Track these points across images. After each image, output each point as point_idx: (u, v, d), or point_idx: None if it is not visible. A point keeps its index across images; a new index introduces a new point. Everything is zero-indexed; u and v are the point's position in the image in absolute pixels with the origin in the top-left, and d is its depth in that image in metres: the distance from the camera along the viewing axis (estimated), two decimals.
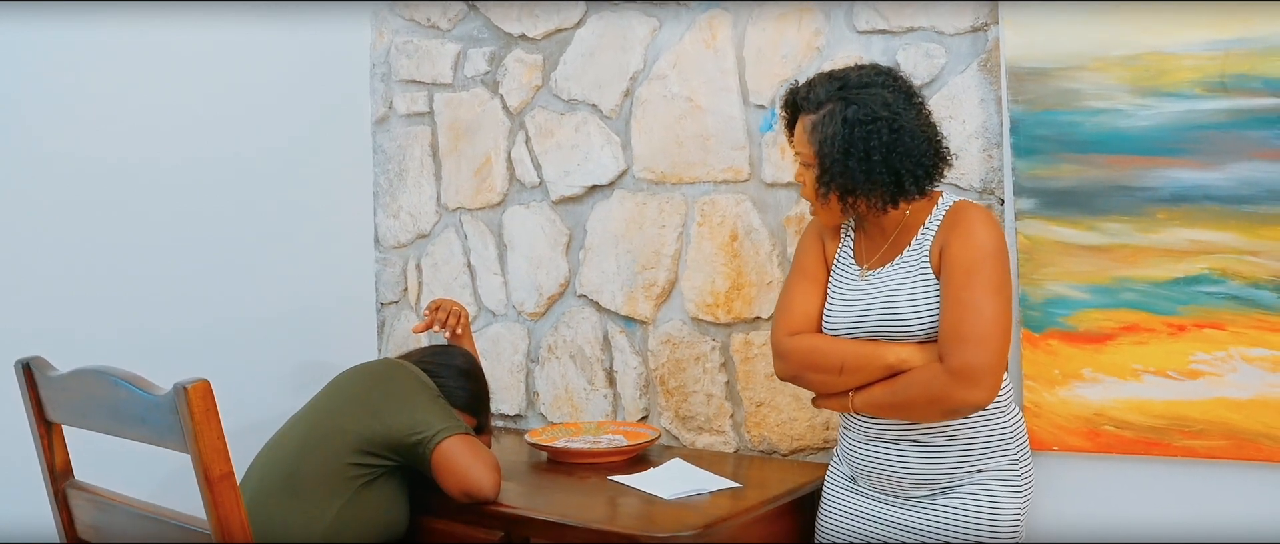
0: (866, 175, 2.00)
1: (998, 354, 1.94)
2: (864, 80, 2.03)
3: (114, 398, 1.77)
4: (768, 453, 2.71)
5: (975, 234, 1.98)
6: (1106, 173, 2.14)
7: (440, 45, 3.23)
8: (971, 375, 1.91)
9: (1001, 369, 1.96)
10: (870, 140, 1.98)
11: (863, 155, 1.99)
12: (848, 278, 2.15)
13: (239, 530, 1.65)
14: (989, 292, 1.94)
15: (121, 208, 2.69)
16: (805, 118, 2.07)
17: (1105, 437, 2.17)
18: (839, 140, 2.00)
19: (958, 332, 1.93)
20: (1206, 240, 2.07)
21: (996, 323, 1.93)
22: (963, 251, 1.98)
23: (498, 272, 3.16)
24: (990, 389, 1.93)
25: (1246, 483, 2.07)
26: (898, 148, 1.99)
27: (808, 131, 2.06)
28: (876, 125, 1.98)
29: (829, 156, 2.02)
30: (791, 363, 2.14)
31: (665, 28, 2.81)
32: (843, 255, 2.19)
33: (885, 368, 2.02)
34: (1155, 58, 2.09)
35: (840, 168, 2.01)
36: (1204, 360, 2.08)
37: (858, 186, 2.02)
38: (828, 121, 2.02)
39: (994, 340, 1.93)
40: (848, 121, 1.99)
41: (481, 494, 2.19)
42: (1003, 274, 1.97)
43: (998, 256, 1.98)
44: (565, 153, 2.99)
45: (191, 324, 2.81)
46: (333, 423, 2.23)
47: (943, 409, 1.97)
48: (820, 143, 2.02)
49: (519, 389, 3.15)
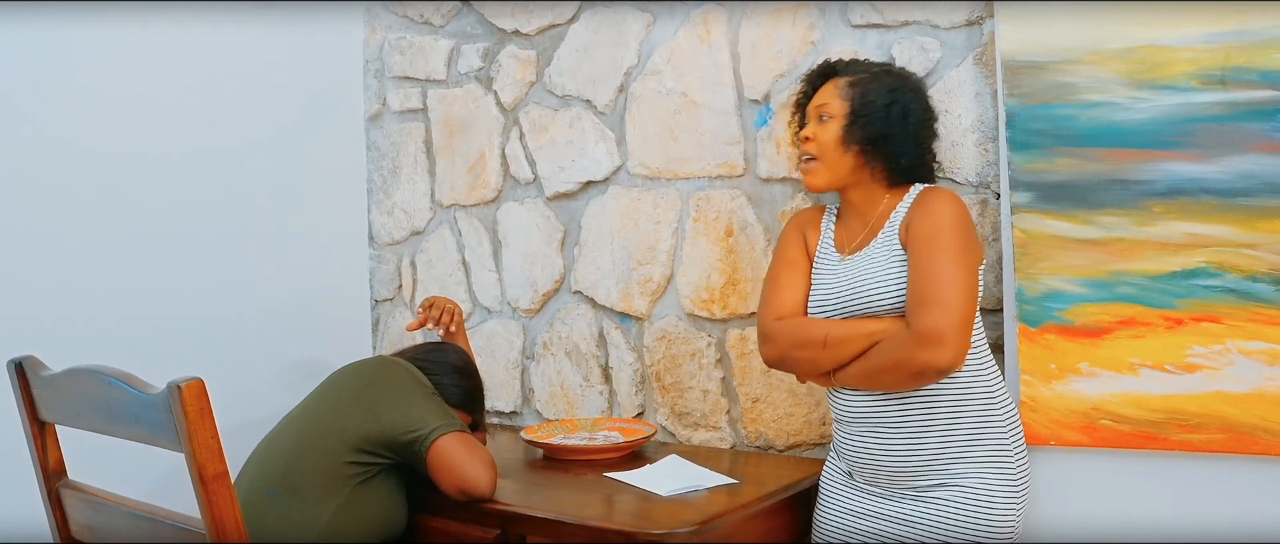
0: (902, 128, 2.13)
1: (961, 316, 1.97)
2: (905, 73, 2.24)
3: (107, 397, 1.77)
4: (764, 449, 2.70)
5: (936, 208, 2.07)
6: (1103, 166, 2.14)
7: (434, 41, 3.22)
8: (934, 337, 1.95)
9: (967, 332, 1.98)
10: (909, 106, 2.15)
11: (902, 113, 2.14)
12: (829, 263, 2.21)
13: (234, 530, 1.65)
14: (950, 257, 2.00)
15: (114, 204, 2.68)
16: (842, 78, 2.20)
17: (1102, 431, 2.17)
18: (883, 93, 2.14)
19: (920, 295, 1.99)
20: (1203, 234, 2.06)
21: (957, 286, 1.98)
22: (925, 224, 2.05)
23: (492, 268, 3.15)
24: (956, 351, 1.96)
25: (1244, 477, 2.07)
26: (927, 125, 2.18)
27: (843, 88, 2.18)
28: (918, 97, 2.18)
29: (868, 105, 2.14)
30: (778, 343, 2.18)
31: (659, 23, 2.80)
32: (824, 244, 2.25)
33: (866, 337, 2.07)
34: (1151, 51, 2.09)
35: (880, 116, 2.13)
36: (1201, 354, 2.08)
37: (890, 136, 2.13)
38: (874, 82, 2.16)
39: (956, 303, 1.97)
40: (893, 89, 2.15)
41: (477, 492, 2.18)
42: (964, 241, 2.04)
43: (958, 225, 2.05)
44: (560, 149, 2.99)
45: (185, 322, 2.80)
46: (328, 421, 2.22)
47: (909, 371, 2.00)
48: (861, 94, 2.15)
49: (514, 386, 3.14)
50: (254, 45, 2.99)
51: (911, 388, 2.05)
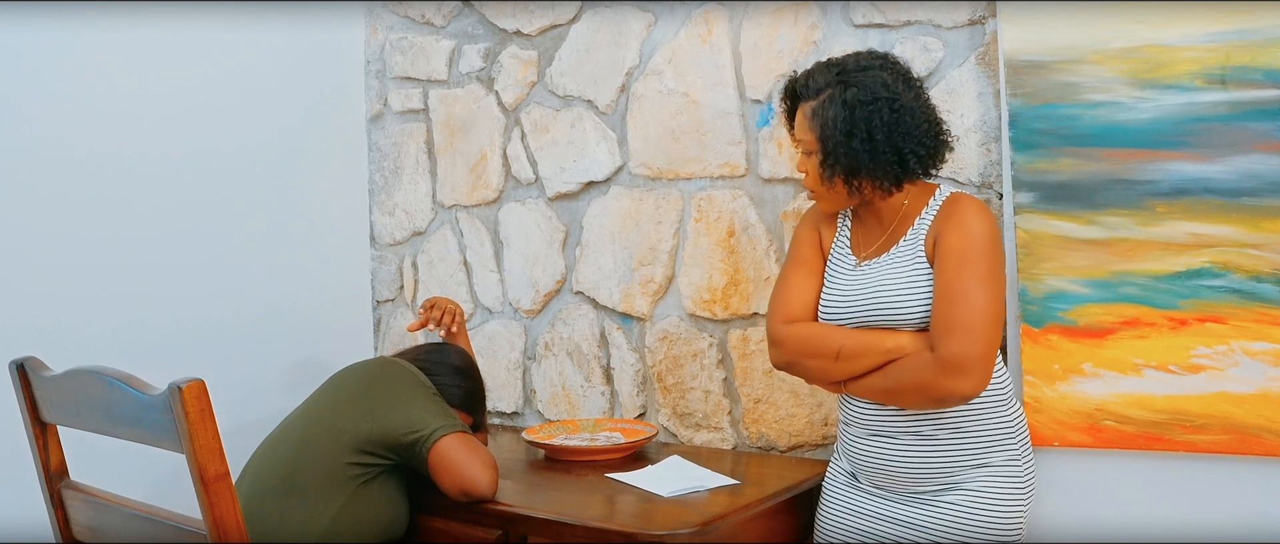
0: (871, 155, 2.01)
1: (988, 344, 1.93)
2: (862, 64, 2.06)
3: (108, 398, 1.76)
4: (766, 449, 2.70)
5: (969, 224, 1.99)
6: (1106, 166, 2.14)
7: (435, 42, 3.22)
8: (960, 365, 1.91)
9: (992, 359, 1.95)
10: (872, 120, 2.00)
11: (866, 135, 2.00)
12: (844, 267, 2.15)
13: (235, 531, 1.65)
14: (980, 282, 1.95)
15: (115, 205, 2.68)
16: (805, 105, 2.08)
17: (1106, 432, 2.17)
18: (841, 122, 2.01)
19: (948, 321, 1.94)
20: (1207, 234, 2.06)
21: (987, 313, 1.93)
22: (957, 241, 1.98)
23: (494, 269, 3.15)
24: (980, 379, 1.93)
25: (1248, 478, 2.07)
26: (899, 127, 2.01)
27: (809, 118, 2.07)
28: (877, 105, 2.00)
29: (832, 140, 2.03)
30: (787, 349, 2.13)
31: (661, 23, 2.80)
32: (839, 244, 2.19)
33: (883, 354, 2.02)
34: (1154, 50, 2.08)
35: (844, 149, 2.02)
36: (1205, 354, 2.08)
37: (862, 167, 2.02)
38: (828, 105, 2.03)
39: (984, 331, 1.93)
40: (848, 104, 2.01)
41: (479, 492, 2.18)
42: (995, 265, 1.98)
43: (991, 247, 1.98)
44: (561, 149, 2.98)
45: (186, 323, 2.80)
46: (330, 422, 2.22)
47: (931, 397, 1.97)
48: (822, 127, 2.03)
49: (516, 387, 3.14)
50: (255, 46, 2.98)
51: (932, 410, 2.02)
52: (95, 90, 2.65)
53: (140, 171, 2.73)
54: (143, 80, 2.73)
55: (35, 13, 2.52)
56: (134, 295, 2.70)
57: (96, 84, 2.65)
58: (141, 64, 2.73)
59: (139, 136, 2.72)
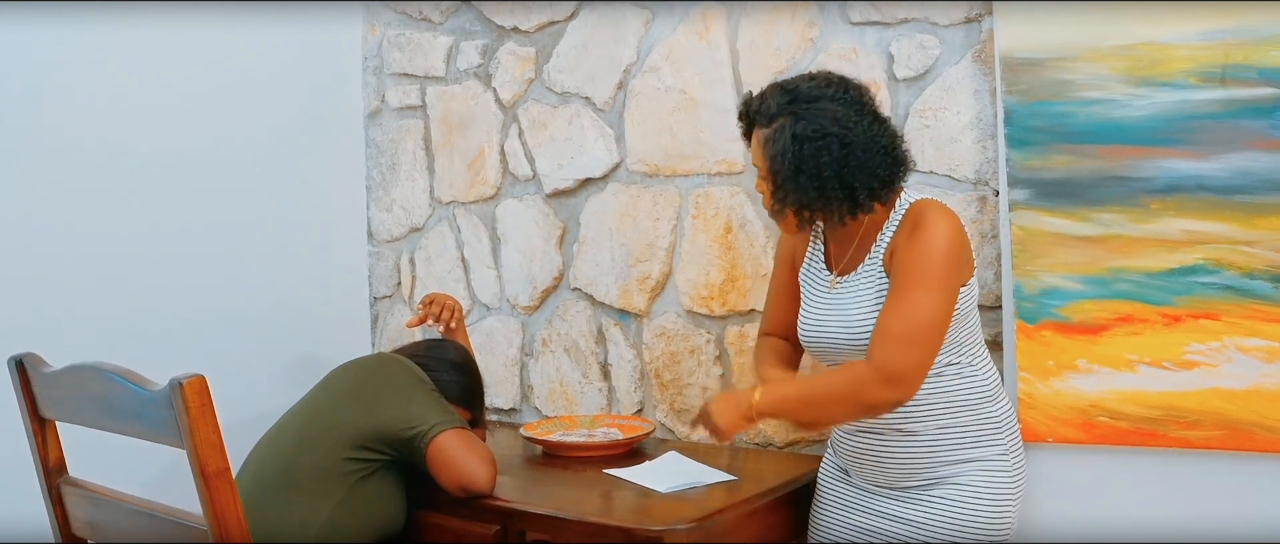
0: (819, 192, 1.99)
1: (929, 354, 1.94)
2: (814, 93, 2.00)
3: (108, 393, 1.77)
4: (763, 445, 2.71)
5: (923, 236, 1.96)
6: (1101, 163, 2.14)
7: (432, 38, 3.22)
8: (898, 377, 1.91)
9: (926, 370, 1.95)
10: (820, 156, 1.96)
11: (814, 172, 1.97)
12: (819, 286, 2.16)
13: (236, 526, 1.65)
14: (927, 292, 1.93)
15: (114, 201, 2.68)
16: (758, 131, 2.05)
17: (1100, 428, 2.18)
18: (789, 157, 1.98)
19: (888, 329, 1.94)
20: (1201, 231, 2.07)
21: (929, 324, 1.93)
22: (907, 253, 1.98)
23: (491, 265, 3.16)
24: (914, 389, 1.93)
25: (1241, 474, 2.07)
26: (849, 162, 1.97)
27: (761, 145, 2.04)
28: (826, 141, 1.96)
29: (781, 174, 2.00)
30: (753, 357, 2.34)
31: (658, 20, 2.80)
32: (813, 259, 2.21)
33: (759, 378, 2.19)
34: (1150, 48, 2.09)
35: (793, 185, 2.00)
36: (1199, 351, 2.08)
37: (811, 203, 2.01)
38: (778, 137, 1.99)
39: (926, 343, 1.93)
40: (797, 138, 1.97)
41: (477, 488, 2.19)
42: (944, 272, 1.95)
43: (942, 259, 1.95)
44: (558, 146, 2.99)
45: (185, 318, 2.80)
46: (329, 418, 2.23)
47: (858, 404, 1.97)
48: (771, 160, 2.01)
49: (513, 383, 3.14)
50: (253, 42, 2.98)
51: (853, 420, 2.05)
52: (94, 87, 2.65)
53: (139, 168, 2.73)
54: (141, 77, 2.73)
55: (36, 12, 2.52)
56: (133, 291, 2.70)
57: (96, 81, 2.65)
58: (140, 61, 2.73)
59: (138, 133, 2.72)
